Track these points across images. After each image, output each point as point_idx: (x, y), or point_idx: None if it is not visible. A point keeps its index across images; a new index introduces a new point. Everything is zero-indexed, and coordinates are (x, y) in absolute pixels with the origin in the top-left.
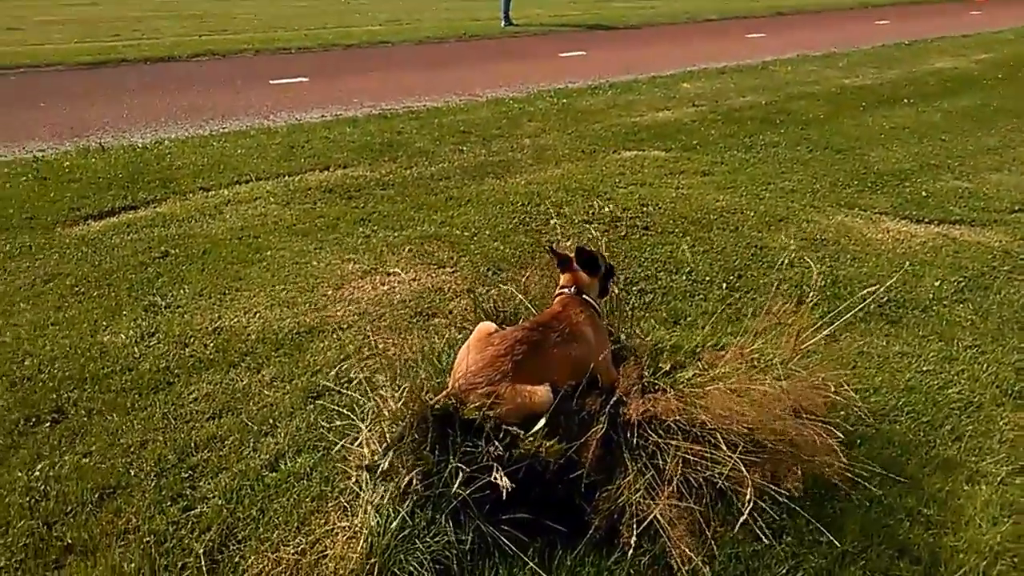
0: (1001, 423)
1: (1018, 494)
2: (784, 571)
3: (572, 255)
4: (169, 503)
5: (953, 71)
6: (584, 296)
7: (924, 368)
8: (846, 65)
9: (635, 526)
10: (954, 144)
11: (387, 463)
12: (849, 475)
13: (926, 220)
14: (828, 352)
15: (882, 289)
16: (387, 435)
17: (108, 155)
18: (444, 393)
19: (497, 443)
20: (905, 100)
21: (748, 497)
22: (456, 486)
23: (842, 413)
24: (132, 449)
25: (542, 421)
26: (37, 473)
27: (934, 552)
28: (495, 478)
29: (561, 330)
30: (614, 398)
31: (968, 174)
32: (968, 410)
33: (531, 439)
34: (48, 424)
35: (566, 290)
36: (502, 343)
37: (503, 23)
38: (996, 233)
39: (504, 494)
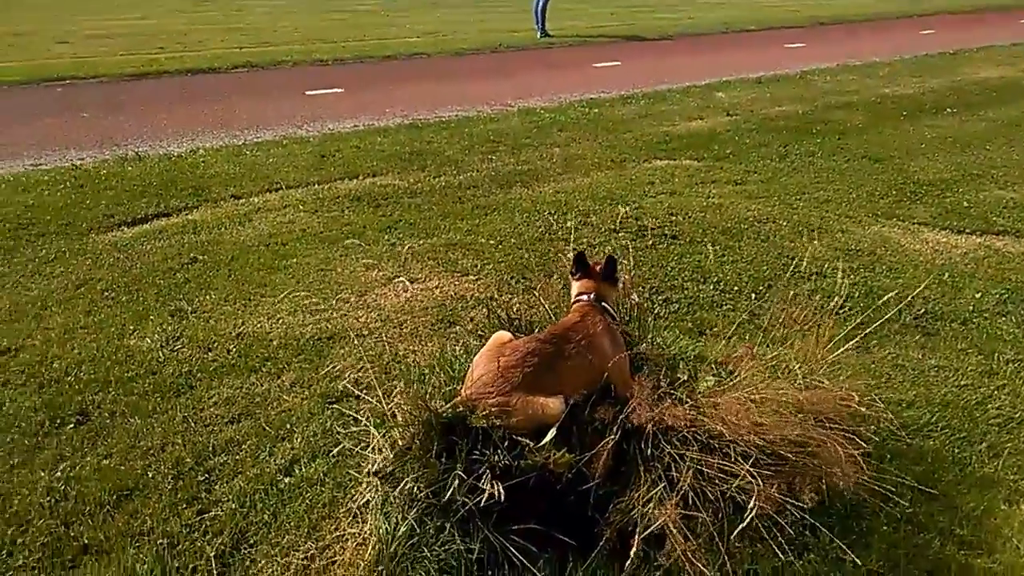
0: None
1: None
2: None
3: (592, 263)
4: (184, 506)
5: (999, 80)
6: (604, 304)
7: (962, 382)
8: (887, 74)
9: (643, 536)
10: (998, 154)
11: (392, 465)
12: (878, 490)
13: (967, 231)
14: (859, 363)
15: (919, 300)
16: (398, 441)
17: (144, 163)
18: (453, 401)
19: (504, 452)
20: (948, 110)
21: (753, 504)
22: (462, 494)
23: (871, 426)
24: (151, 451)
25: (552, 432)
26: (59, 474)
27: (966, 573)
28: (488, 486)
29: (577, 341)
30: (628, 408)
31: (1013, 184)
32: (1008, 426)
33: (540, 450)
34: (72, 426)
35: (584, 297)
36: (514, 353)
37: (538, 35)
38: None
39: (507, 505)
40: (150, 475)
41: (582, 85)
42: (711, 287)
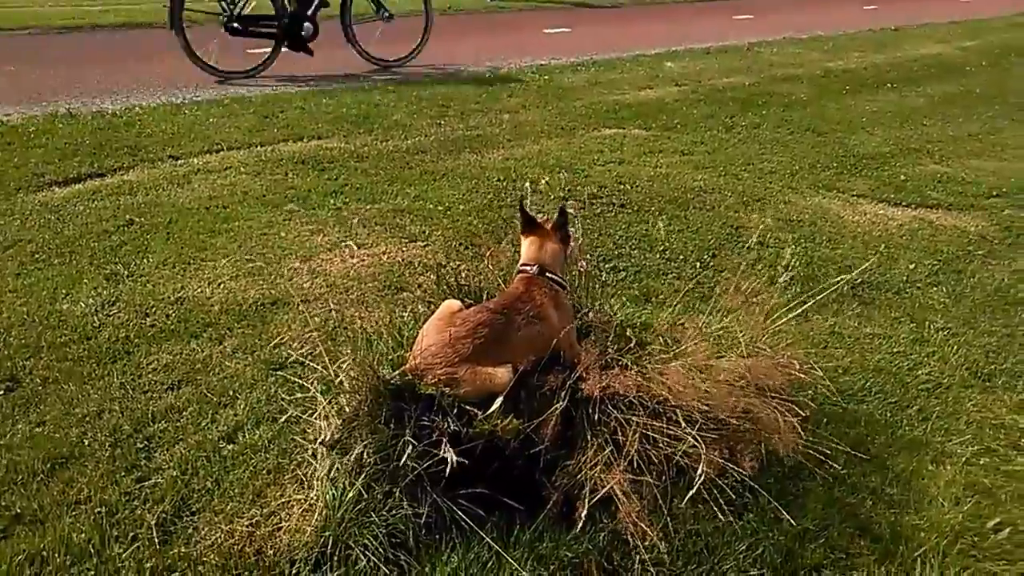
0: (968, 405)
1: (981, 474)
2: (744, 548)
3: (542, 218)
4: (123, 474)
5: (937, 57)
6: (548, 274)
7: (895, 349)
8: (831, 48)
9: (590, 501)
10: (935, 129)
11: (341, 434)
12: (813, 454)
13: (904, 204)
14: (799, 332)
15: (856, 271)
16: (345, 408)
17: (76, 121)
18: (400, 370)
19: (452, 419)
20: (888, 85)
21: (700, 471)
22: (410, 460)
23: (809, 392)
24: (87, 419)
25: (499, 401)
26: None
27: (895, 531)
28: (444, 453)
29: (526, 312)
30: (576, 374)
31: (948, 159)
32: (936, 391)
33: (488, 418)
34: (1, 392)
35: (528, 268)
36: (464, 324)
37: None
38: (973, 218)
39: (455, 469)
40: (86, 443)
41: (533, 51)
42: (658, 255)
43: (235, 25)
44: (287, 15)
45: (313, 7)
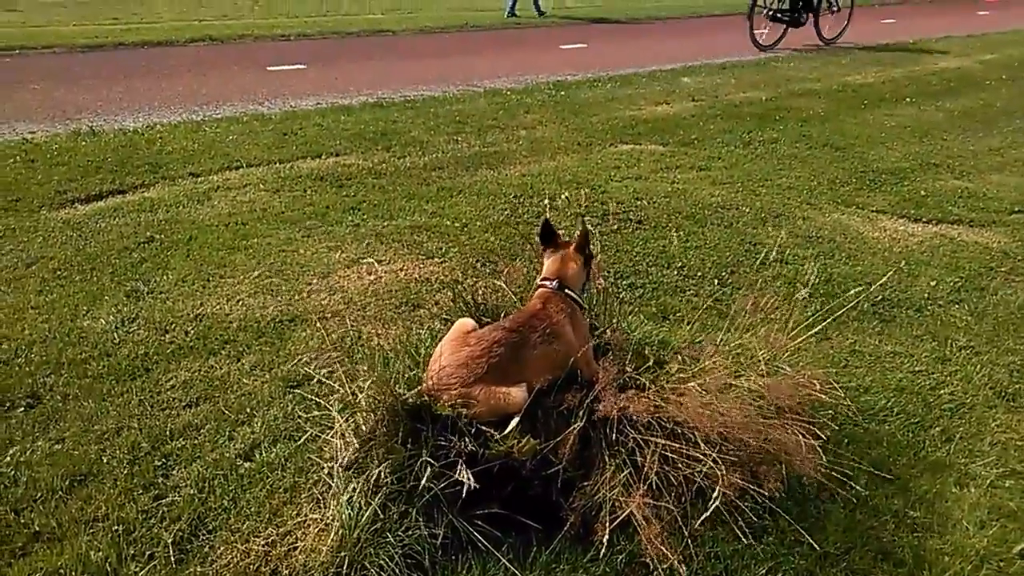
0: (993, 425)
1: (1007, 497)
2: (764, 572)
3: (563, 236)
4: (140, 491)
5: (956, 71)
6: (567, 291)
7: (916, 368)
8: (849, 63)
9: (610, 523)
10: (955, 144)
11: (359, 455)
12: (835, 475)
13: (924, 219)
14: (819, 350)
15: (876, 287)
16: (362, 427)
17: (98, 138)
18: (416, 390)
19: (469, 439)
20: (907, 99)
21: (717, 493)
22: (427, 480)
23: (830, 412)
24: (106, 436)
25: (515, 421)
26: (8, 459)
27: (918, 555)
28: (460, 475)
29: (542, 330)
30: (593, 393)
31: (968, 174)
32: (960, 411)
33: (505, 438)
34: (22, 409)
35: (547, 283)
36: (478, 344)
37: (506, 14)
38: (995, 234)
39: (471, 490)
40: (104, 460)
41: (549, 67)
42: (675, 272)
43: (775, 14)
44: (799, 8)
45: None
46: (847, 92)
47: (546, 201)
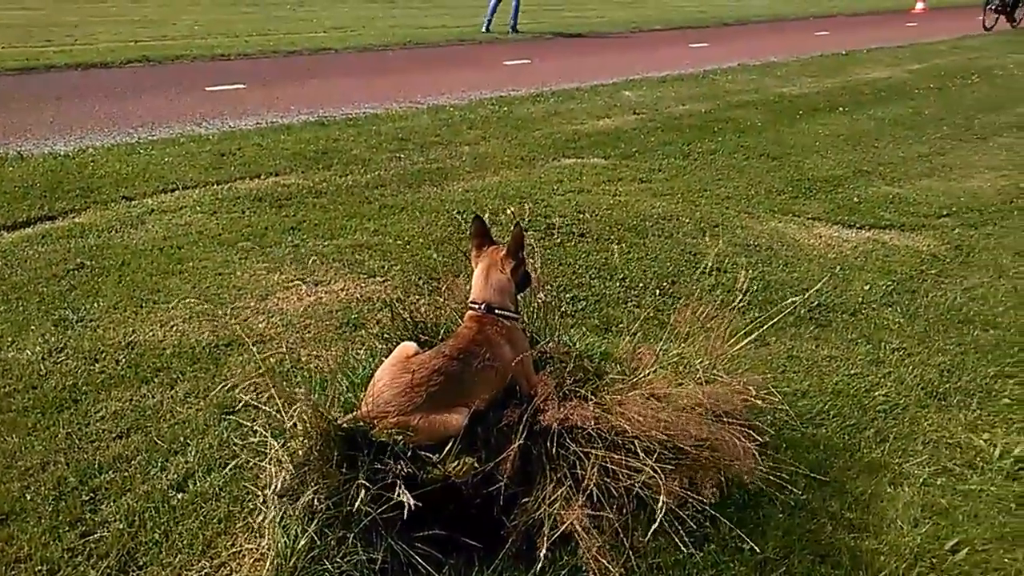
0: (925, 425)
1: (938, 495)
2: None
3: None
4: (66, 528)
5: (887, 80)
6: (496, 311)
7: (852, 371)
8: (784, 74)
9: (549, 538)
10: (886, 151)
11: (294, 482)
12: (774, 479)
13: (858, 225)
14: (757, 356)
15: (812, 293)
16: (297, 452)
17: (26, 163)
18: (353, 415)
19: (406, 462)
20: (840, 108)
21: (660, 504)
22: (364, 504)
23: (768, 417)
24: (30, 472)
25: (449, 446)
26: None
27: (855, 556)
28: (400, 496)
29: (482, 356)
30: (532, 407)
31: (899, 180)
32: (894, 412)
33: (443, 462)
34: None
35: (476, 307)
36: (419, 371)
37: (484, 28)
38: (925, 238)
39: (411, 512)
40: (28, 497)
41: (493, 83)
42: (617, 284)
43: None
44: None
45: None
46: (783, 103)
47: (486, 215)
